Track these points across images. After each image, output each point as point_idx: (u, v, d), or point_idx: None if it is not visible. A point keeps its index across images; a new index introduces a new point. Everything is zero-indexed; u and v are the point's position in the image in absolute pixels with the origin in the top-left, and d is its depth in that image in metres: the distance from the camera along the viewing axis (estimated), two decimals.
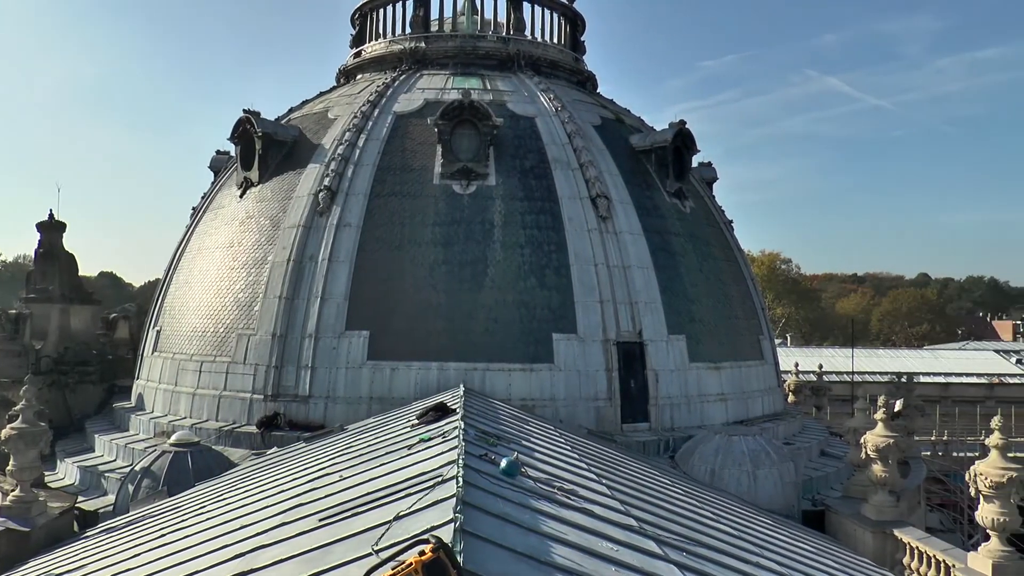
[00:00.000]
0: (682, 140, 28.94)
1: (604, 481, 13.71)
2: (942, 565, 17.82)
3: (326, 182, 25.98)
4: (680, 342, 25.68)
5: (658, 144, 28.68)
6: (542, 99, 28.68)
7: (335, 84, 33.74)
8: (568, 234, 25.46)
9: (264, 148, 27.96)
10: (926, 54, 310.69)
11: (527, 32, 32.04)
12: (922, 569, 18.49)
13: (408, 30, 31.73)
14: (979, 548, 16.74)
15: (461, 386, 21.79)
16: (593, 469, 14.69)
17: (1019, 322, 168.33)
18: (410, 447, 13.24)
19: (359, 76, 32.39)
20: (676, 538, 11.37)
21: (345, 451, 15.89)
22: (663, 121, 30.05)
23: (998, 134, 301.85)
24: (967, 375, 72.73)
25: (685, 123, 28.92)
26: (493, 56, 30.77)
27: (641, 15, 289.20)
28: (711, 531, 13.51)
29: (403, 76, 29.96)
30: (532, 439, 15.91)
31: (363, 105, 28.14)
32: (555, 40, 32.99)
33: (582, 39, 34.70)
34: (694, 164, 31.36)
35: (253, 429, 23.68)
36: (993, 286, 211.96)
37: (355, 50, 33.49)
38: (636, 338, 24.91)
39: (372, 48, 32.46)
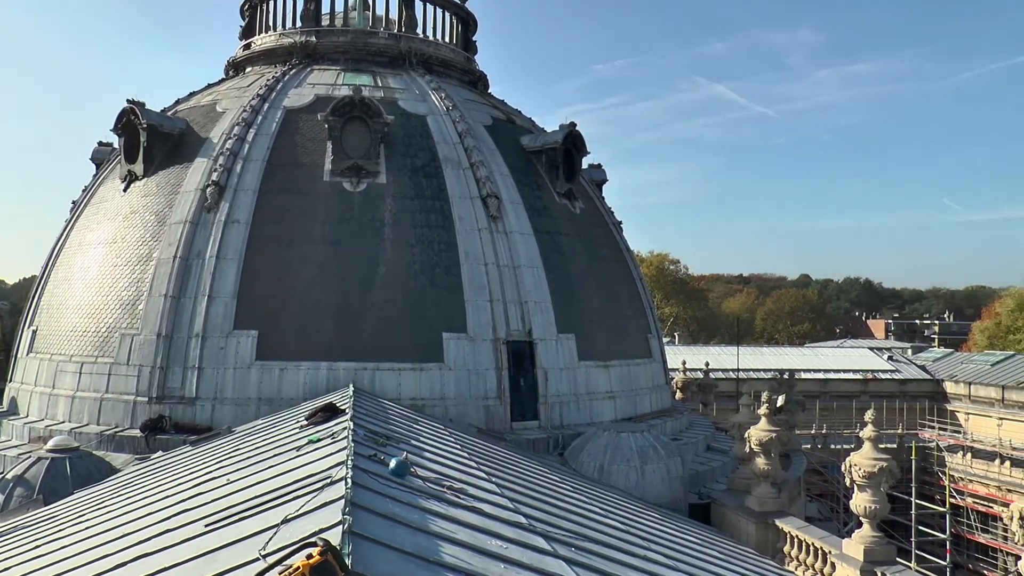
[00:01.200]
0: (572, 142, 29.29)
1: (494, 479, 13.81)
2: (820, 552, 18.60)
3: (214, 177, 25.36)
4: (570, 341, 26.02)
5: (549, 145, 28.98)
6: (433, 98, 28.64)
7: (224, 76, 32.95)
8: (459, 233, 25.51)
9: (149, 140, 27.09)
10: (807, 65, 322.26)
11: (419, 30, 31.91)
12: (801, 556, 19.22)
13: (299, 24, 31.22)
14: (853, 535, 17.50)
15: (351, 386, 21.61)
16: (483, 467, 14.77)
17: (891, 321, 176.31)
18: (299, 448, 13.07)
19: (249, 69, 31.74)
20: (565, 534, 11.53)
21: (233, 454, 15.57)
22: (554, 123, 30.36)
23: (872, 143, 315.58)
24: (844, 371, 75.70)
25: (575, 125, 29.28)
26: (385, 53, 30.55)
27: (533, 17, 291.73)
28: (600, 526, 13.75)
29: (293, 70, 29.50)
30: (422, 439, 15.90)
31: (252, 99, 27.59)
32: (447, 39, 32.97)
33: (474, 39, 34.78)
34: (584, 166, 31.79)
35: (137, 433, 22.92)
36: (868, 287, 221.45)
37: (244, 42, 32.73)
38: (526, 337, 25.13)
39: (262, 41, 31.82)
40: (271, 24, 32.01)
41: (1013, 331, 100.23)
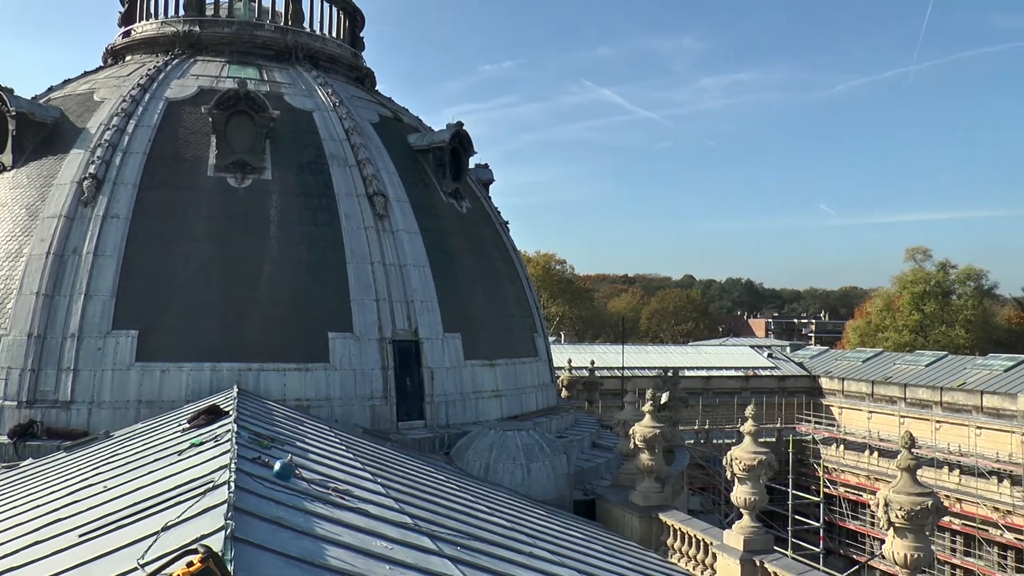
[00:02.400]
0: (459, 141, 29.39)
1: (379, 480, 13.79)
2: (701, 543, 19.15)
3: (91, 169, 24.45)
4: (456, 340, 26.11)
5: (436, 144, 28.97)
6: (320, 93, 28.29)
7: (102, 64, 31.79)
8: (345, 231, 25.29)
9: (19, 129, 25.91)
10: (692, 72, 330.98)
11: (306, 24, 31.44)
12: (684, 548, 19.76)
13: (182, 12, 30.34)
14: (733, 526, 18.06)
15: (235, 387, 21.20)
16: (368, 468, 14.73)
17: (771, 320, 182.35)
18: (180, 453, 12.79)
19: (128, 58, 30.70)
20: (451, 533, 11.61)
21: (110, 459, 15.08)
22: (441, 122, 30.43)
23: (754, 149, 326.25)
24: (726, 369, 77.96)
25: (463, 125, 29.37)
26: (271, 46, 30.03)
27: (422, 16, 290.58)
28: (485, 524, 13.87)
29: (176, 61, 28.70)
30: (307, 440, 15.74)
31: (133, 89, 26.72)
32: (334, 34, 32.60)
33: (361, 35, 34.50)
34: (471, 165, 31.92)
35: (4, 439, 21.84)
36: (749, 287, 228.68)
37: (124, 29, 31.57)
38: (412, 336, 25.10)
39: (143, 28, 30.80)
40: (152, 11, 31.03)
41: (882, 329, 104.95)
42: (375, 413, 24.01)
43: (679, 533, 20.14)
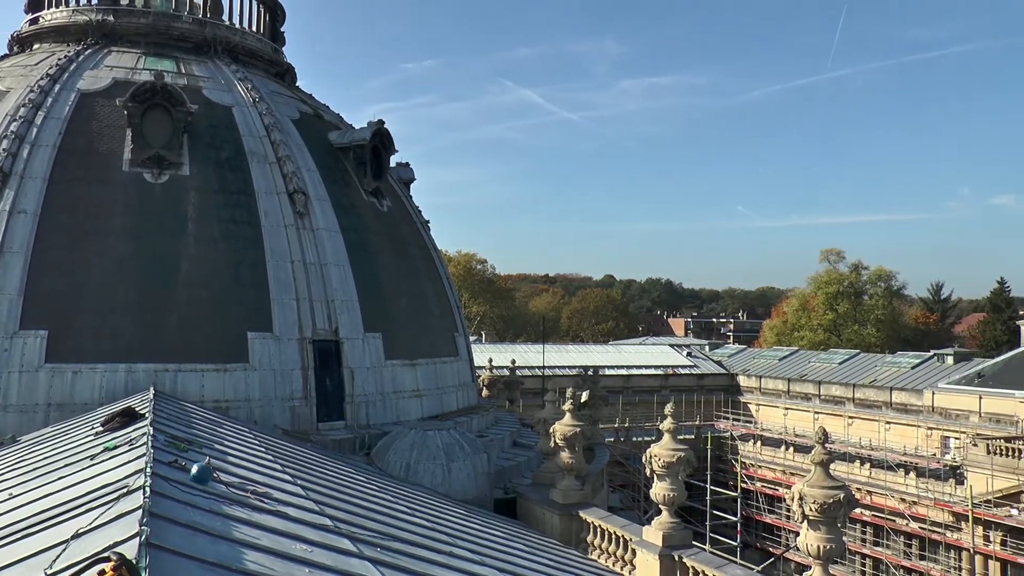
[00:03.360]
0: (380, 139, 29.19)
1: (299, 482, 13.64)
2: (621, 539, 19.39)
3: None
4: (377, 340, 25.93)
5: (357, 142, 28.70)
6: (239, 88, 27.80)
7: (7, 52, 30.69)
8: (265, 230, 24.91)
9: None
10: (612, 75, 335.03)
11: (225, 17, 30.85)
12: (604, 545, 19.98)
13: (95, 0, 29.46)
14: (652, 522, 18.35)
15: (151, 389, 20.67)
16: (288, 470, 14.55)
17: (690, 319, 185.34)
18: (93, 457, 12.45)
19: (37, 46, 29.66)
20: (371, 534, 11.55)
21: (17, 465, 14.57)
22: (362, 120, 30.22)
23: (674, 152, 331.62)
24: (646, 367, 79.01)
25: (384, 123, 29.20)
26: (189, 39, 29.35)
27: (343, 12, 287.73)
28: (406, 525, 13.83)
29: (89, 51, 27.84)
30: (226, 442, 15.49)
31: (42, 79, 25.83)
32: (254, 28, 32.04)
33: (282, 30, 34.01)
34: (392, 164, 31.73)
35: None
36: (669, 287, 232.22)
37: (32, 16, 30.46)
38: (333, 336, 24.86)
39: (52, 16, 29.79)
40: None
41: (798, 328, 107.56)
42: (295, 414, 23.72)
43: (599, 530, 20.35)
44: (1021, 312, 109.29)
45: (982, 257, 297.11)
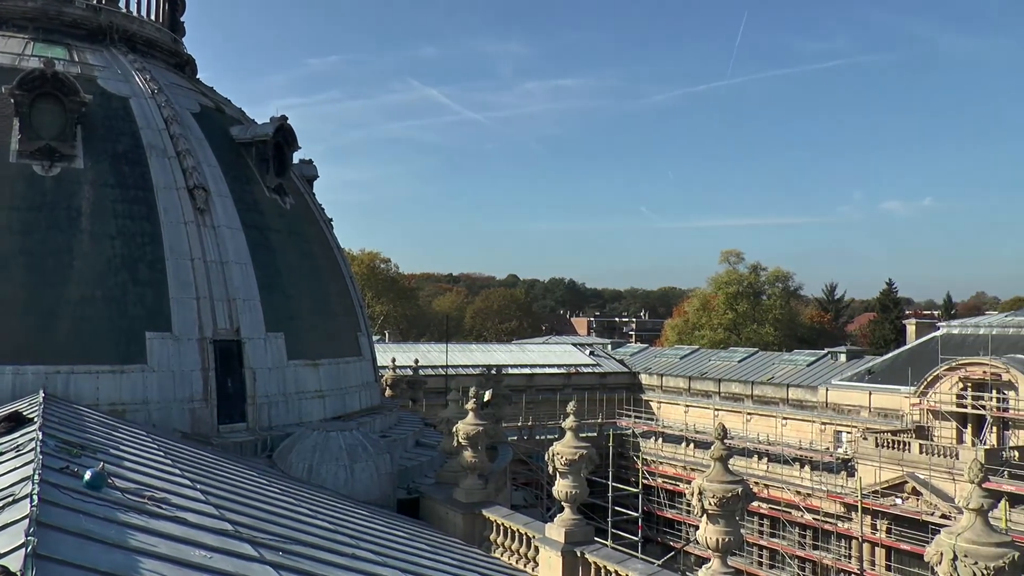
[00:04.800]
0: (283, 135, 28.67)
1: (199, 486, 13.33)
2: (524, 537, 19.53)
3: None
4: (279, 340, 25.47)
5: (259, 138, 28.14)
6: (137, 79, 26.93)
7: None
8: (163, 226, 24.22)
9: None
10: (517, 76, 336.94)
11: (121, 4, 29.79)
12: (507, 543, 20.08)
13: None
14: (555, 519, 18.51)
15: (41, 392, 19.86)
16: (188, 474, 14.21)
17: (593, 319, 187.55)
18: None
19: None
20: (273, 538, 11.38)
21: None
22: (265, 115, 29.65)
23: (578, 153, 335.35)
24: (549, 366, 79.61)
25: (286, 118, 28.70)
26: (82, 25, 28.23)
27: (245, 3, 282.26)
28: (308, 528, 13.68)
29: None
30: (122, 447, 15.03)
31: None
32: (152, 17, 31.06)
33: (182, 20, 33.06)
34: (295, 161, 31.19)
35: None
36: (571, 287, 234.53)
37: None
38: (234, 336, 24.32)
39: None
40: None
41: (698, 328, 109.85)
42: (195, 416, 23.12)
43: (502, 528, 20.45)
44: (907, 312, 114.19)
45: (872, 259, 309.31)
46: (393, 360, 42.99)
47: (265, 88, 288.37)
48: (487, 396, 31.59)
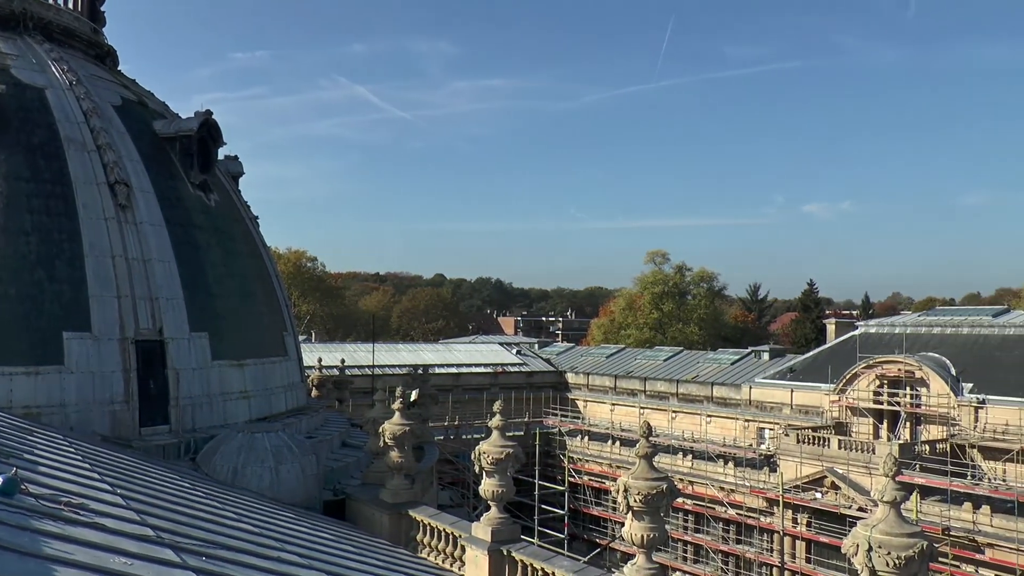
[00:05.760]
0: (208, 131, 28.10)
1: (119, 491, 13.02)
2: (450, 536, 19.53)
3: None
4: (203, 339, 24.96)
5: (183, 132, 27.52)
6: (54, 69, 26.07)
7: None
8: (83, 222, 23.51)
9: None
10: (445, 75, 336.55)
11: None
12: (434, 543, 20.05)
13: None
14: (481, 518, 18.54)
15: None
16: (107, 479, 13.87)
17: (520, 318, 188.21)
18: None
19: None
20: (196, 543, 11.18)
21: None
22: (189, 109, 28.95)
23: (506, 153, 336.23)
24: (476, 365, 79.69)
25: (212, 113, 28.14)
26: None
27: None
28: (233, 532, 13.48)
29: None
30: (37, 451, 14.60)
31: None
32: (71, 5, 30.08)
33: (102, 9, 32.08)
34: (220, 157, 30.60)
35: None
36: (499, 286, 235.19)
37: None
38: (157, 336, 23.77)
39: None
40: None
41: (625, 327, 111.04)
42: (116, 419, 22.50)
43: (428, 528, 20.41)
44: (828, 312, 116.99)
45: (794, 260, 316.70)
46: (319, 360, 42.55)
47: (190, 82, 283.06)
48: (413, 396, 31.47)
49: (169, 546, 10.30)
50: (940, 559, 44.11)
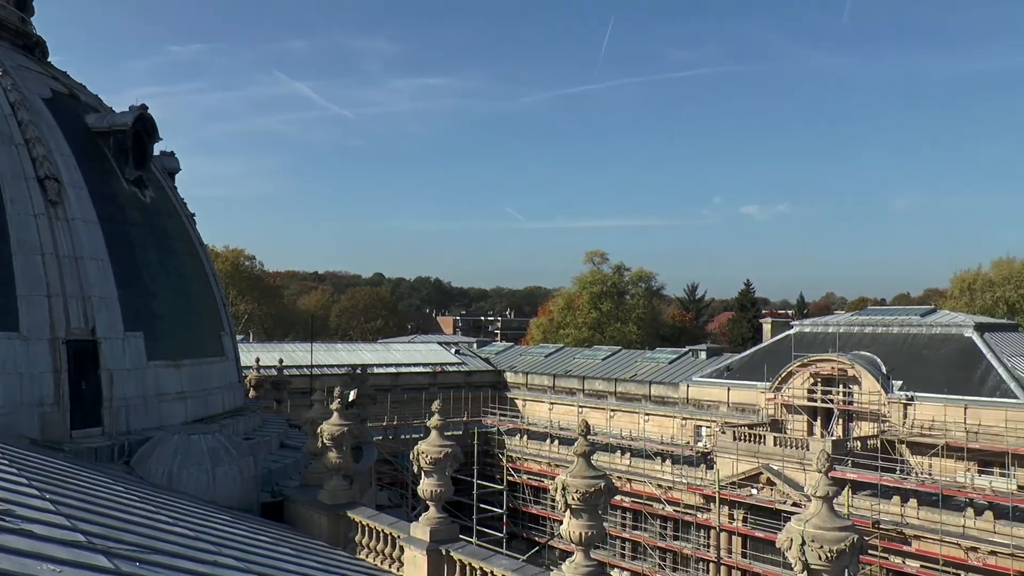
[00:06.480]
0: (143, 125, 27.51)
1: (48, 496, 12.70)
2: (389, 537, 19.45)
3: None
4: (138, 339, 24.44)
5: (117, 127, 26.91)
6: None
7: None
8: (11, 219, 22.81)
9: None
10: (384, 73, 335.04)
11: None
12: (372, 544, 19.95)
13: None
14: (420, 518, 18.51)
15: None
16: (35, 484, 13.52)
17: (459, 317, 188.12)
18: None
19: None
20: (129, 548, 10.99)
21: None
22: (123, 103, 28.39)
23: (446, 153, 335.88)
24: (415, 365, 79.55)
25: (147, 108, 27.57)
26: None
27: None
28: (168, 536, 13.27)
29: None
30: None
31: None
32: None
33: None
34: (156, 152, 30.01)
35: None
36: (437, 286, 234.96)
37: None
38: (89, 336, 23.20)
39: None
40: None
41: (563, 327, 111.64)
42: (46, 421, 21.88)
43: (367, 529, 20.32)
44: (764, 311, 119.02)
45: (731, 261, 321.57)
46: (257, 360, 42.07)
47: (124, 75, 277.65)
48: (352, 396, 31.23)
49: (101, 552, 10.09)
50: (870, 551, 45.32)
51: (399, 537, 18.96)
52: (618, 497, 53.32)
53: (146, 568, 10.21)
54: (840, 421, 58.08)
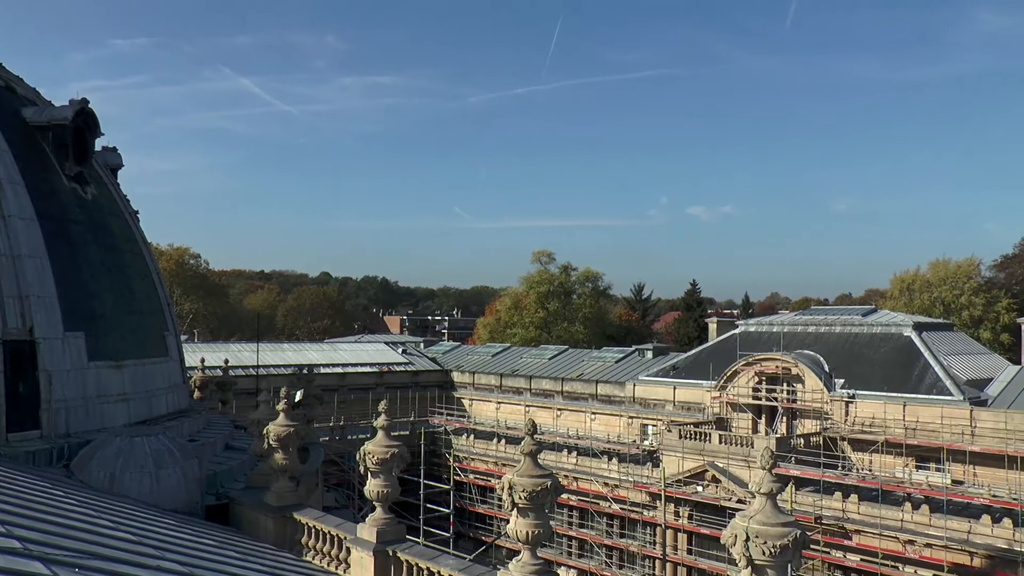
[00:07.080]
0: (84, 120, 26.97)
1: None
2: (335, 538, 19.36)
3: None
4: (78, 340, 23.93)
5: (57, 121, 26.33)
6: None
7: None
8: None
9: None
10: (332, 70, 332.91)
11: None
12: (319, 545, 19.83)
13: None
14: (367, 519, 18.43)
15: None
16: None
17: (406, 317, 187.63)
18: None
19: None
20: (68, 554, 10.79)
21: None
22: (63, 97, 27.71)
23: (393, 151, 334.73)
24: (362, 365, 79.14)
25: (88, 102, 27.04)
26: None
27: None
28: (109, 541, 13.05)
29: None
30: None
31: None
32: None
33: None
34: (98, 148, 29.45)
35: None
36: (385, 285, 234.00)
37: None
38: (27, 336, 22.66)
39: None
40: None
41: (511, 326, 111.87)
42: None
43: (313, 530, 20.19)
44: (710, 311, 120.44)
45: (677, 261, 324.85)
46: (202, 360, 41.53)
47: (64, 67, 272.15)
48: (298, 396, 30.95)
49: (38, 558, 9.90)
50: (812, 546, 46.06)
51: (346, 538, 18.87)
52: (565, 496, 53.60)
53: (86, 574, 10.03)
54: (784, 419, 58.97)
